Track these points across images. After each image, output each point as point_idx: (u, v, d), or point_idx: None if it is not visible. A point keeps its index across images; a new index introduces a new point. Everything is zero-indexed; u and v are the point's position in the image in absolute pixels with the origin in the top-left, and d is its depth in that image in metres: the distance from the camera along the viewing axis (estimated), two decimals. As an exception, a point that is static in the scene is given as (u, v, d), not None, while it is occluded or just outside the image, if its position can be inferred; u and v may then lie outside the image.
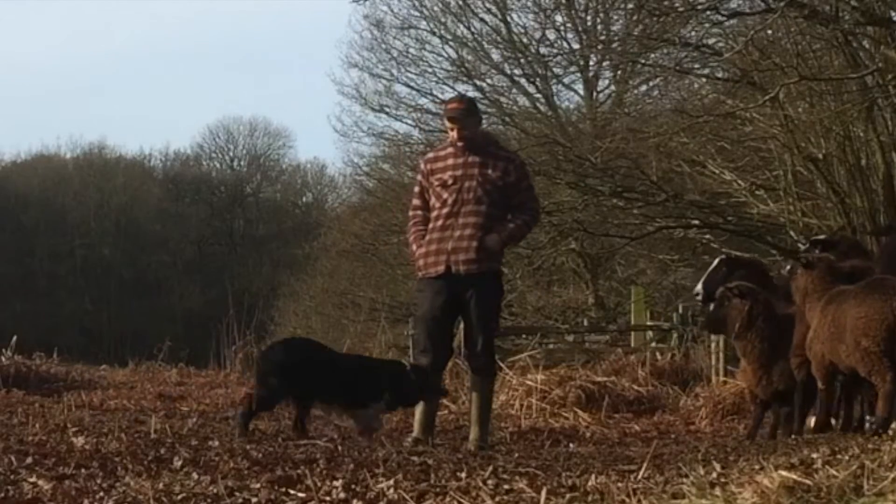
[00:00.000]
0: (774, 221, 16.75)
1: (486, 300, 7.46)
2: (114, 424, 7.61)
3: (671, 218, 19.21)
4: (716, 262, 9.52)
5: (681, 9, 14.50)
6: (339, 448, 6.50)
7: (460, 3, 27.84)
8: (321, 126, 65.23)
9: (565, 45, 26.98)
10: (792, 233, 15.63)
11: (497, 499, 4.40)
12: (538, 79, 27.85)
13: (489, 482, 4.70)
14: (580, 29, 25.87)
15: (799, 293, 8.04)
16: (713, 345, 13.19)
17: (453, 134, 7.56)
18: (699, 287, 9.40)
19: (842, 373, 7.76)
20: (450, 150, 7.62)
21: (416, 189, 7.78)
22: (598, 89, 28.38)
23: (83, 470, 5.12)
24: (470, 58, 28.49)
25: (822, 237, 9.95)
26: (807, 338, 7.93)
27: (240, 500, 4.42)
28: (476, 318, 7.45)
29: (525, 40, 27.30)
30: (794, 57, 13.91)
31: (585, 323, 22.07)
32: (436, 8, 28.35)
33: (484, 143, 7.63)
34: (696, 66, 18.18)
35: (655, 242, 21.20)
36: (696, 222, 19.03)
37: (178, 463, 5.39)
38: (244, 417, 7.58)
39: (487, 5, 27.70)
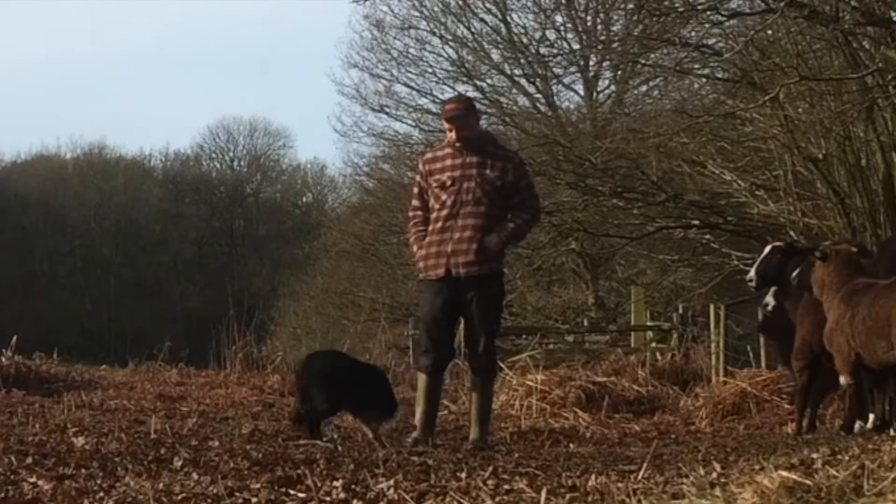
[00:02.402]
0: (774, 221, 16.75)
1: (486, 302, 7.45)
2: (114, 424, 7.61)
3: (671, 218, 19.24)
4: (768, 248, 9.54)
5: (681, 9, 14.52)
6: (339, 448, 6.50)
7: (460, 3, 27.85)
8: (321, 126, 65.23)
9: (565, 45, 27.02)
10: (792, 233, 15.62)
11: (497, 499, 4.40)
12: (538, 79, 27.87)
13: (489, 482, 4.70)
14: (580, 29, 25.89)
15: (816, 286, 8.00)
16: (713, 345, 13.19)
17: (452, 134, 7.54)
18: (752, 273, 9.47)
19: (867, 368, 7.71)
20: (448, 150, 7.60)
21: (416, 190, 7.78)
22: (598, 89, 28.42)
23: (83, 470, 5.12)
24: (470, 58, 28.52)
25: (826, 243, 9.94)
26: (823, 331, 7.90)
27: (240, 500, 4.42)
28: (477, 320, 7.45)
29: (525, 40, 27.34)
30: (794, 57, 13.91)
31: (585, 323, 22.07)
32: (436, 8, 28.40)
33: (482, 142, 7.60)
34: (696, 66, 18.19)
35: (655, 243, 21.22)
36: (696, 222, 19.05)
37: (178, 463, 5.39)
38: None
39: (487, 5, 27.72)
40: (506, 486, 4.62)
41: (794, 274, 8.60)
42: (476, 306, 7.42)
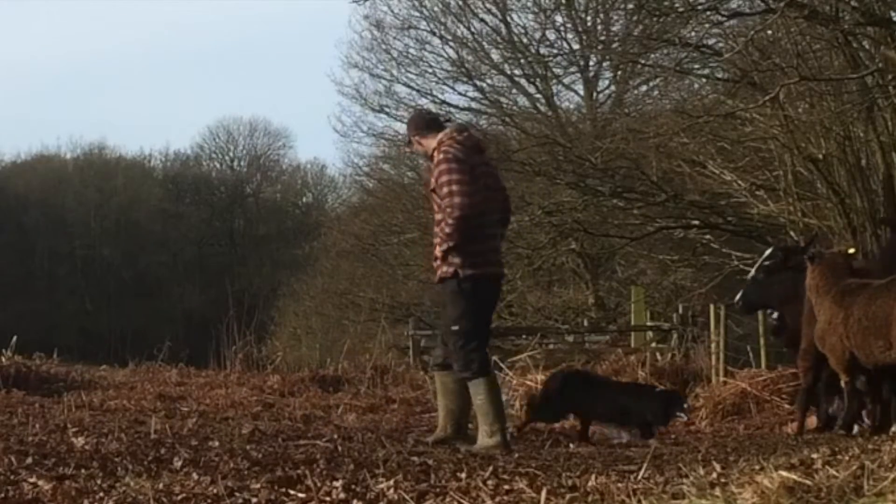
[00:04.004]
0: (774, 222, 16.75)
1: (446, 304, 7.61)
2: (114, 424, 7.61)
3: (671, 218, 19.24)
4: (769, 250, 9.76)
5: (681, 9, 14.50)
6: (339, 448, 6.50)
7: (460, 3, 27.84)
8: (321, 126, 65.10)
9: (565, 45, 27.03)
10: (792, 233, 15.62)
11: (497, 499, 4.40)
12: (538, 79, 27.86)
13: (489, 482, 4.70)
14: (580, 29, 25.86)
15: (808, 289, 8.07)
16: (713, 345, 13.19)
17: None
18: (752, 273, 9.67)
19: (862, 368, 7.71)
20: None
21: None
22: (598, 89, 28.41)
23: (83, 470, 5.12)
24: (470, 58, 28.51)
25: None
26: (815, 333, 7.92)
27: (240, 501, 4.42)
28: (442, 322, 7.66)
29: (525, 40, 27.33)
30: (794, 57, 13.90)
31: (585, 323, 22.05)
32: (436, 8, 28.38)
33: (428, 151, 7.72)
34: (696, 66, 18.20)
35: (655, 243, 21.21)
36: (696, 222, 19.05)
37: (178, 463, 5.39)
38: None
39: (487, 5, 27.71)
40: (506, 486, 4.62)
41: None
42: (442, 309, 7.66)
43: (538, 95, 28.00)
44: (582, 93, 28.34)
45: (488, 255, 7.62)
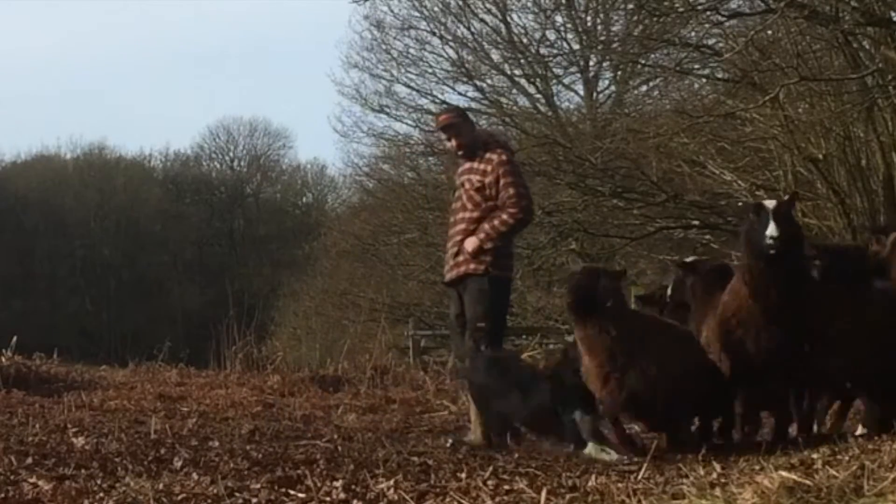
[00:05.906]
0: (774, 222, 16.73)
1: (471, 302, 7.56)
2: (114, 425, 7.61)
3: (671, 218, 19.23)
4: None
5: (681, 9, 14.51)
6: (339, 448, 6.50)
7: (460, 3, 27.84)
8: (321, 126, 64.85)
9: (565, 45, 27.02)
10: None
11: (497, 499, 4.40)
12: (538, 79, 27.86)
13: (489, 482, 4.70)
14: (580, 29, 25.87)
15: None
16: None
17: (451, 144, 7.82)
18: None
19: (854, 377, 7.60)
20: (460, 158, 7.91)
21: None
22: (598, 90, 28.41)
23: (83, 470, 5.12)
24: (470, 58, 28.52)
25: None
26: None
27: (240, 501, 4.43)
28: (467, 320, 7.59)
29: (525, 41, 27.33)
30: (794, 57, 13.91)
31: (585, 323, 21.98)
32: (436, 8, 28.39)
33: (475, 146, 7.69)
34: (697, 66, 18.20)
35: (655, 243, 21.20)
36: (697, 223, 19.04)
37: (178, 463, 5.40)
38: None
39: (487, 6, 27.71)
40: (506, 487, 4.62)
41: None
42: (466, 307, 7.61)
43: (538, 95, 28.00)
44: (582, 93, 28.36)
45: (512, 259, 8.03)
